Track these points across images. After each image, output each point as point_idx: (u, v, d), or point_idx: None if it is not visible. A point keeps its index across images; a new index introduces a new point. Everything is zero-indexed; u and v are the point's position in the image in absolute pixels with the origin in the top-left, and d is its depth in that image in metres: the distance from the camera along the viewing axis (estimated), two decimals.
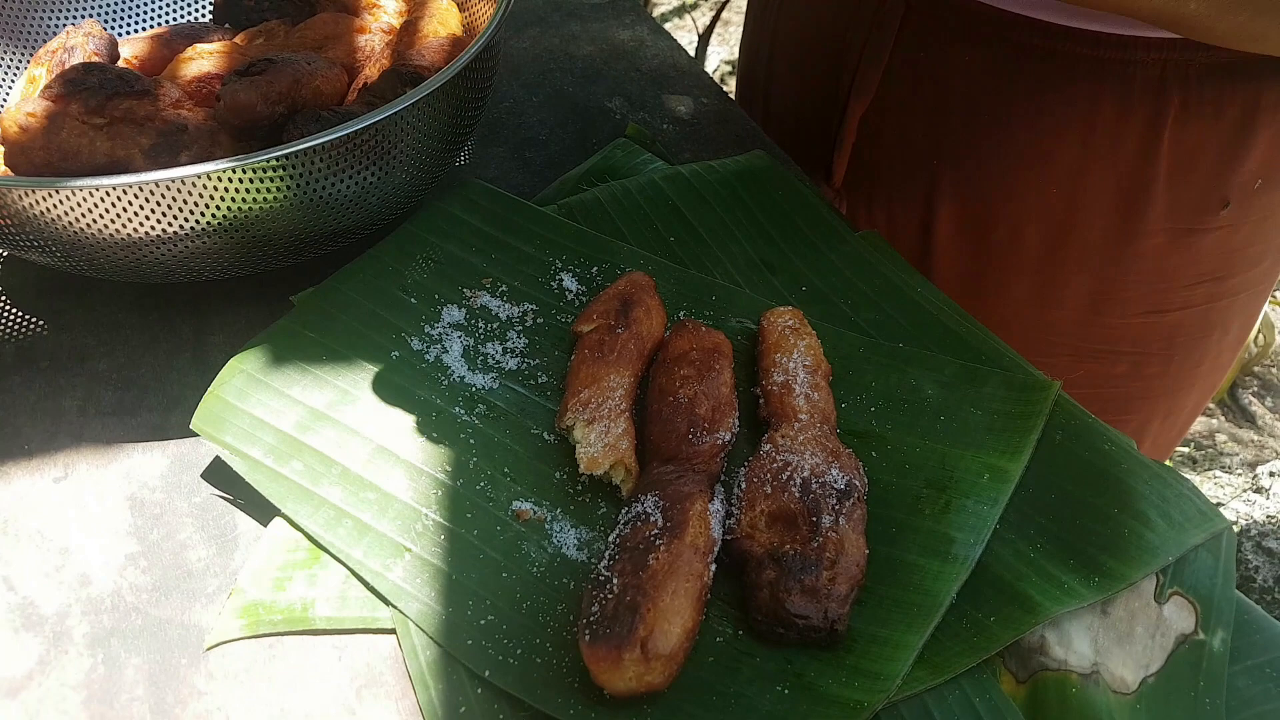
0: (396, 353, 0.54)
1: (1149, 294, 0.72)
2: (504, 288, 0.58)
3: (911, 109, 0.68)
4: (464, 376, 0.54)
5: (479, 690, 0.42)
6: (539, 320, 0.57)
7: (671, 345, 0.53)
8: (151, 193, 0.51)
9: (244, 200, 0.52)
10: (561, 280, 0.59)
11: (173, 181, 0.50)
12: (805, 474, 0.47)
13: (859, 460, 0.49)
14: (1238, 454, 1.78)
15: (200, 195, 0.51)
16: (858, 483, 0.47)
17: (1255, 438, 1.84)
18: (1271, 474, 1.68)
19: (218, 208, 0.52)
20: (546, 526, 0.48)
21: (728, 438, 0.49)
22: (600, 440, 0.48)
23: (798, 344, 0.53)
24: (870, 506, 0.47)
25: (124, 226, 0.52)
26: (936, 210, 0.71)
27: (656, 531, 0.43)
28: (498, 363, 0.55)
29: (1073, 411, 0.52)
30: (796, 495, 0.46)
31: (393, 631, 0.45)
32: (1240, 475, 1.73)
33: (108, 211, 0.51)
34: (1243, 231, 0.70)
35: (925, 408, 0.52)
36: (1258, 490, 1.67)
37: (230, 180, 0.51)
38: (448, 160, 0.64)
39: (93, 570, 0.48)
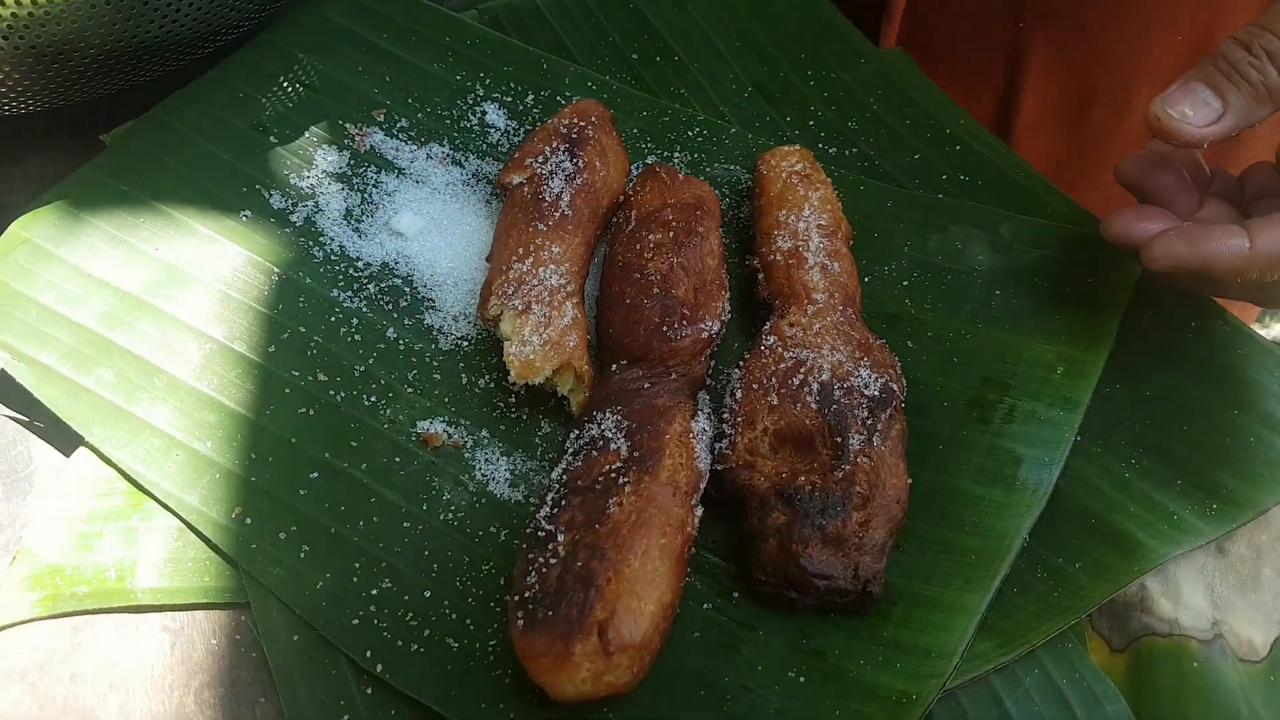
0: (248, 212, 0.46)
1: None
2: (403, 122, 0.49)
3: None
4: (345, 246, 0.45)
5: (369, 690, 0.35)
6: (453, 167, 0.48)
7: (637, 200, 0.44)
8: None
9: None
10: (484, 113, 0.50)
11: None
12: (824, 376, 0.38)
13: (894, 354, 0.41)
14: None
15: None
16: (895, 386, 0.39)
17: None
18: None
19: None
20: (466, 455, 0.40)
21: (716, 328, 0.41)
22: (538, 335, 0.39)
23: (809, 196, 0.44)
24: (908, 417, 0.40)
25: None
26: (1020, 89, 0.60)
27: (620, 464, 0.35)
28: (394, 227, 0.46)
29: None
30: (813, 406, 0.38)
31: (246, 606, 0.37)
32: None
33: None
34: None
35: (975, 280, 0.44)
36: None
37: None
38: None
39: None
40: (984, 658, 0.35)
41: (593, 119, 0.45)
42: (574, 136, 0.44)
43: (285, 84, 0.49)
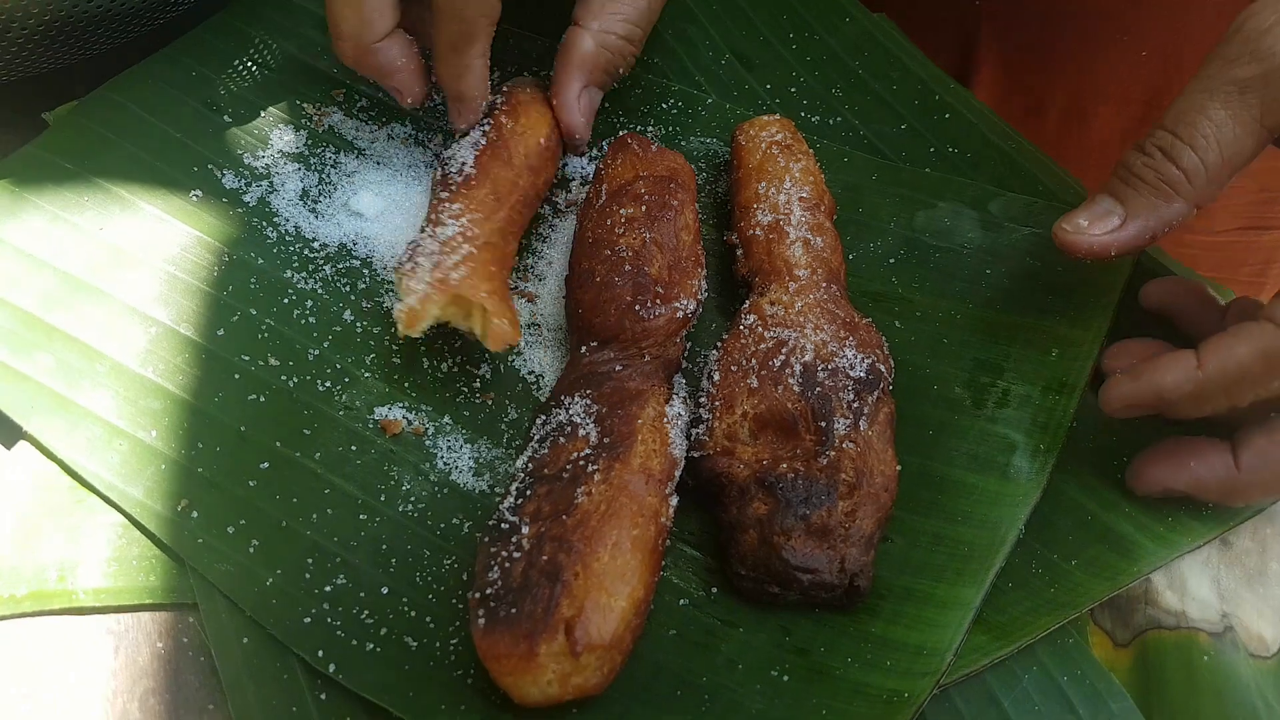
0: (199, 191, 0.43)
1: (1252, 203, 0.58)
2: (364, 102, 0.47)
3: None
4: (301, 226, 0.43)
5: (322, 695, 0.33)
6: (415, 148, 0.46)
7: (608, 173, 0.42)
8: None
9: None
10: None
11: None
12: (808, 357, 0.36)
13: (881, 334, 0.39)
14: None
15: None
16: (882, 367, 0.37)
17: None
18: None
19: None
20: (427, 442, 0.38)
21: (691, 307, 0.39)
22: (423, 283, 0.36)
23: (790, 168, 0.42)
24: (896, 400, 0.38)
25: None
26: (972, 79, 0.59)
27: (589, 451, 0.33)
28: (353, 207, 0.43)
29: (1160, 262, 0.43)
30: (796, 389, 0.36)
31: (194, 607, 0.35)
32: None
33: None
34: None
35: (964, 258, 0.42)
36: None
37: None
38: None
39: None
40: (979, 651, 0.33)
41: (519, 91, 0.43)
42: (487, 112, 0.42)
43: (241, 64, 0.47)
